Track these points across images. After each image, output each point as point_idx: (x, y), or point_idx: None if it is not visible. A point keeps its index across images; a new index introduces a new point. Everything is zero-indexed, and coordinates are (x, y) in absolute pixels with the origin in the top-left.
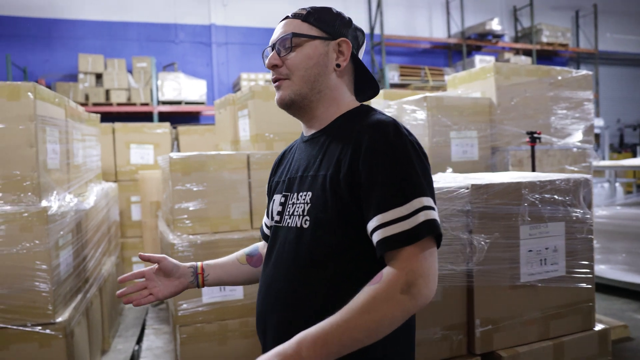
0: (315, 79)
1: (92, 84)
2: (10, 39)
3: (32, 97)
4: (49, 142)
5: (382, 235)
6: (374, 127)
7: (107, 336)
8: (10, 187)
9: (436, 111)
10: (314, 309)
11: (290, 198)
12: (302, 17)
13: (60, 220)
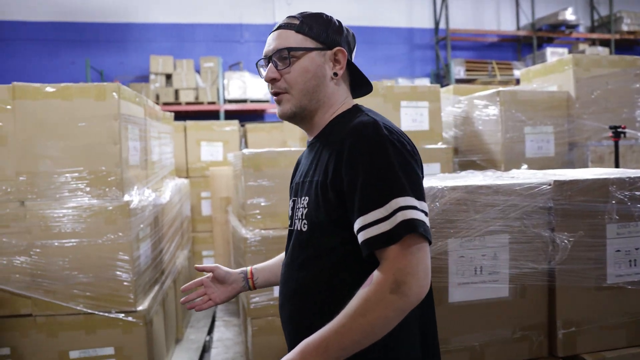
0: (314, 90)
1: (162, 84)
2: (88, 43)
3: (116, 97)
4: (130, 139)
5: (364, 237)
6: (353, 130)
7: (180, 326)
8: (96, 182)
9: (510, 106)
10: (312, 310)
11: (297, 202)
12: (296, 27)
13: (141, 213)
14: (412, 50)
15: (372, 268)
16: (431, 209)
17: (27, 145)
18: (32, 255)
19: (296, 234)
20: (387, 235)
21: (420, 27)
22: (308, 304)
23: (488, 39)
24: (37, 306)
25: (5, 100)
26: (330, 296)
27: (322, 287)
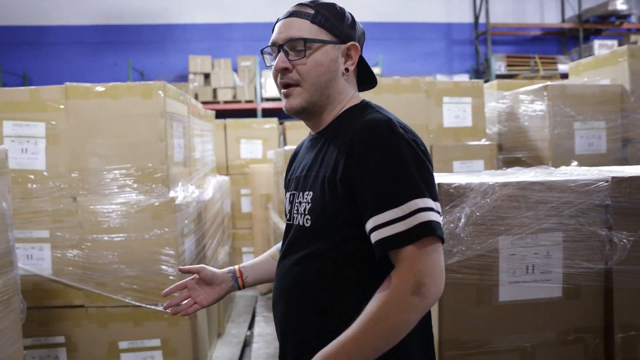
0: (326, 85)
1: (200, 84)
2: (130, 45)
3: (162, 95)
4: (175, 137)
5: (379, 236)
6: (366, 127)
7: (222, 321)
8: (143, 178)
9: (558, 101)
10: (313, 307)
11: (297, 197)
12: (310, 17)
13: (185, 209)
14: (451, 46)
15: (377, 265)
16: (481, 205)
17: (78, 143)
18: (84, 249)
19: (297, 228)
20: (405, 236)
21: (459, 22)
22: (308, 300)
23: (530, 33)
24: (88, 298)
25: (58, 100)
26: (332, 293)
27: (324, 284)
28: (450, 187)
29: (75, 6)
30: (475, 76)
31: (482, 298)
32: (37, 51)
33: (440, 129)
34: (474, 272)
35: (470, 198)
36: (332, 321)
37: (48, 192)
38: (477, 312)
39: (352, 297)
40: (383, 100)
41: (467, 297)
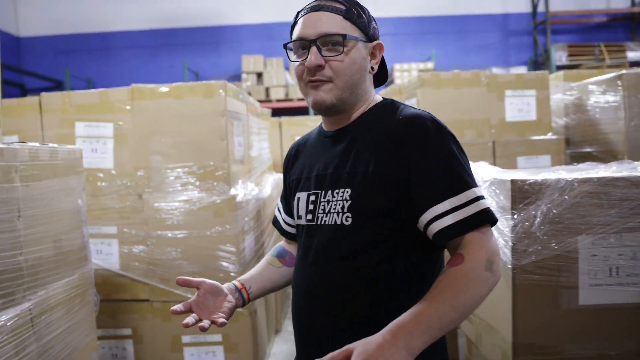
0: (356, 84)
1: (253, 83)
2: (185, 47)
3: (223, 94)
4: (235, 135)
5: (442, 224)
6: (413, 122)
7: (279, 317)
8: (205, 176)
9: (635, 90)
10: (362, 301)
11: (323, 196)
12: (343, 12)
13: (245, 207)
14: (507, 38)
15: (418, 258)
16: (559, 203)
17: (143, 143)
18: (149, 245)
19: (331, 228)
20: (471, 222)
21: (515, 12)
22: (359, 296)
23: (594, 20)
24: (153, 292)
25: (124, 101)
26: (384, 285)
27: (377, 276)
28: (524, 183)
29: (134, 12)
30: (533, 68)
31: (560, 301)
32: (101, 56)
33: (503, 124)
34: (551, 273)
35: (546, 195)
36: (385, 313)
37: (116, 190)
38: (554, 315)
39: (401, 290)
40: (442, 95)
41: (543, 299)
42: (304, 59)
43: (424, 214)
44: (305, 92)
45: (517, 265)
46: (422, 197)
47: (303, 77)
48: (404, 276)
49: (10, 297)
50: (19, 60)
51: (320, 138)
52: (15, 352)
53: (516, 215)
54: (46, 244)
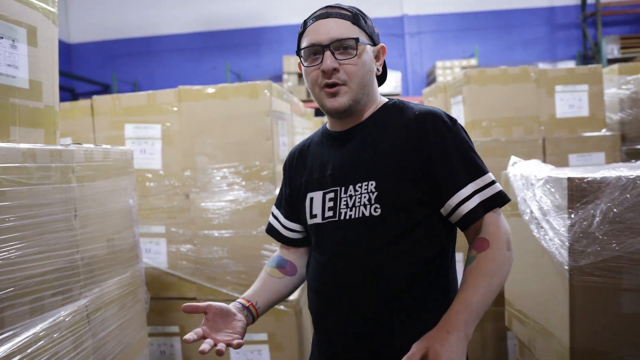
0: (368, 85)
1: (294, 83)
2: (227, 49)
3: (268, 95)
4: (280, 134)
5: (469, 207)
6: (431, 116)
7: None
8: (251, 176)
9: None
10: (398, 288)
11: (343, 192)
12: (350, 18)
13: None
14: (554, 31)
15: (441, 243)
16: (620, 201)
17: (190, 143)
18: (196, 244)
19: (358, 221)
20: (492, 203)
21: (563, 5)
22: (387, 283)
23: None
24: (200, 291)
25: (171, 103)
26: (419, 270)
27: (411, 262)
28: (582, 181)
29: (178, 16)
30: (582, 62)
31: (620, 304)
32: (146, 60)
33: (553, 120)
34: (612, 275)
35: (606, 194)
36: (419, 297)
37: (164, 190)
38: (614, 319)
39: (423, 278)
40: (489, 92)
41: (602, 302)
42: (318, 64)
43: (451, 198)
44: (320, 97)
45: (575, 266)
46: (448, 183)
47: (318, 81)
48: (426, 266)
49: (68, 293)
50: (70, 65)
51: (327, 139)
52: (73, 346)
53: (573, 215)
54: (100, 243)
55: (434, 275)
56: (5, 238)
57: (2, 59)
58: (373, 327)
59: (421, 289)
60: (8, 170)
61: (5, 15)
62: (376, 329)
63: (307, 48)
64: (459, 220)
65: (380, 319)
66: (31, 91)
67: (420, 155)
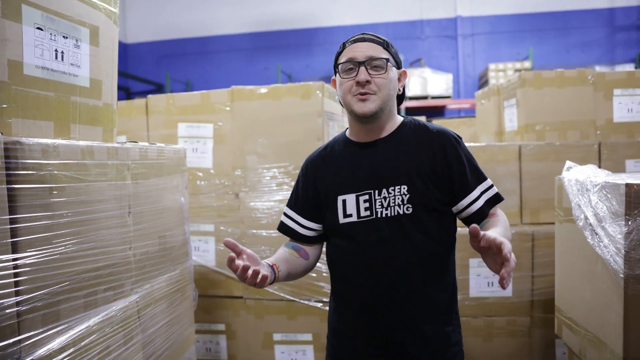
0: (390, 98)
1: None
2: (279, 49)
3: (320, 95)
4: (330, 135)
5: (480, 203)
6: (447, 134)
7: None
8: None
9: None
10: (418, 277)
11: (377, 194)
12: (383, 44)
13: None
14: (613, 33)
15: (451, 245)
16: None
17: (241, 143)
18: (244, 243)
19: (393, 218)
20: (496, 200)
21: (623, 6)
22: (414, 267)
23: None
24: (247, 290)
25: (224, 103)
26: (443, 257)
27: (428, 255)
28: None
29: (232, 17)
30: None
31: None
32: (199, 60)
33: (610, 125)
34: None
35: None
36: (445, 275)
37: (214, 189)
38: None
39: (450, 257)
40: (544, 95)
41: None
42: (353, 76)
43: (464, 198)
44: (351, 103)
45: (630, 274)
46: (462, 187)
47: (351, 90)
48: (442, 255)
49: (120, 289)
50: (126, 65)
51: (352, 147)
52: (124, 341)
53: (630, 222)
54: (152, 240)
55: (448, 260)
56: (63, 233)
57: (66, 58)
58: (402, 302)
59: (439, 272)
60: (67, 166)
61: (71, 16)
62: (404, 304)
63: (344, 63)
64: (468, 216)
65: (408, 295)
66: (91, 89)
67: (442, 165)
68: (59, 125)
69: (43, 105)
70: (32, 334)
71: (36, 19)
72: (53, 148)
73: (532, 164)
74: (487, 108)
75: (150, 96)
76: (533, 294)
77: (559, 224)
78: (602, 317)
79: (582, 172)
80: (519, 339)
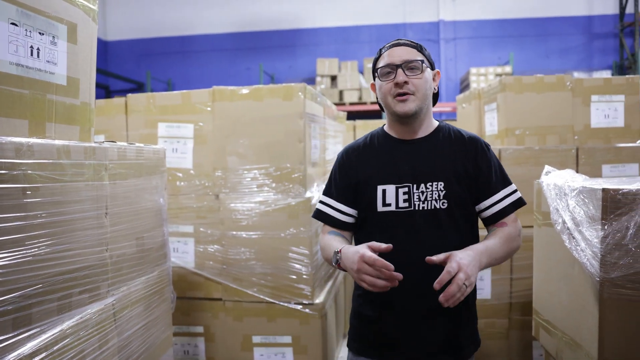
0: (426, 98)
1: (327, 86)
2: (262, 50)
3: (302, 97)
4: (312, 137)
5: (503, 205)
6: (478, 140)
7: (347, 321)
8: (281, 178)
9: None
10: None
11: (416, 188)
12: (417, 47)
13: None
14: (591, 41)
15: (470, 229)
16: None
17: (222, 143)
18: (224, 244)
19: (429, 212)
20: (518, 204)
21: (601, 14)
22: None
23: None
24: (226, 292)
25: (205, 103)
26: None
27: (455, 243)
28: (617, 193)
29: (215, 16)
30: (618, 72)
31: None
32: (181, 59)
33: (587, 130)
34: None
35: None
36: None
37: (194, 190)
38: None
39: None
40: (524, 100)
41: (633, 315)
42: (391, 79)
43: (489, 198)
44: (392, 104)
45: (606, 278)
46: (488, 188)
47: (391, 92)
48: (465, 245)
49: (96, 291)
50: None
51: (393, 143)
52: (99, 345)
53: (607, 226)
54: (130, 241)
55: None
56: (36, 234)
57: (42, 55)
58: (429, 289)
59: None
60: (42, 166)
61: (47, 12)
62: (431, 290)
63: (382, 67)
64: (490, 215)
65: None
66: (68, 88)
67: (474, 167)
68: (34, 123)
69: (17, 103)
70: (2, 338)
71: (11, 14)
72: (27, 147)
73: (511, 168)
74: (468, 112)
75: (130, 95)
76: (512, 297)
77: (538, 228)
78: (579, 320)
79: (561, 177)
80: (498, 340)
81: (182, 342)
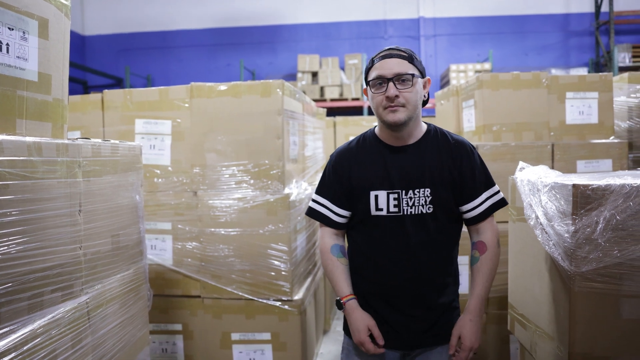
0: (416, 108)
1: (308, 82)
2: (242, 46)
3: (280, 94)
4: (291, 134)
5: (485, 207)
6: (463, 144)
7: (328, 317)
8: (259, 174)
9: None
10: (433, 263)
11: (404, 194)
12: (407, 58)
13: (298, 206)
14: (567, 38)
15: (457, 239)
16: (623, 209)
17: (200, 140)
18: (202, 241)
19: (417, 217)
20: (499, 205)
21: (577, 12)
22: (431, 256)
23: None
24: (205, 289)
25: (183, 99)
26: (451, 248)
27: (450, 243)
28: (587, 188)
29: (195, 11)
30: (594, 69)
31: (620, 311)
32: (160, 54)
33: (563, 127)
34: (613, 282)
35: (610, 201)
36: (452, 262)
37: (172, 187)
38: (614, 325)
39: (455, 249)
40: (501, 97)
41: (603, 308)
42: (382, 91)
43: (472, 201)
44: (383, 114)
45: (576, 272)
46: (471, 191)
47: (382, 103)
48: (453, 246)
49: (69, 289)
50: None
51: (384, 149)
52: (72, 344)
53: (577, 221)
54: (104, 239)
55: (454, 250)
56: (6, 232)
57: (12, 50)
58: (417, 282)
59: (448, 260)
60: (12, 163)
61: (17, 7)
62: (422, 282)
63: (374, 80)
64: (471, 217)
65: (425, 276)
66: (40, 84)
67: (460, 172)
68: (4, 120)
69: None
70: None
71: None
72: None
73: (488, 163)
74: (446, 108)
75: (106, 91)
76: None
77: (512, 223)
78: (551, 313)
79: (534, 173)
80: None
81: (161, 340)
